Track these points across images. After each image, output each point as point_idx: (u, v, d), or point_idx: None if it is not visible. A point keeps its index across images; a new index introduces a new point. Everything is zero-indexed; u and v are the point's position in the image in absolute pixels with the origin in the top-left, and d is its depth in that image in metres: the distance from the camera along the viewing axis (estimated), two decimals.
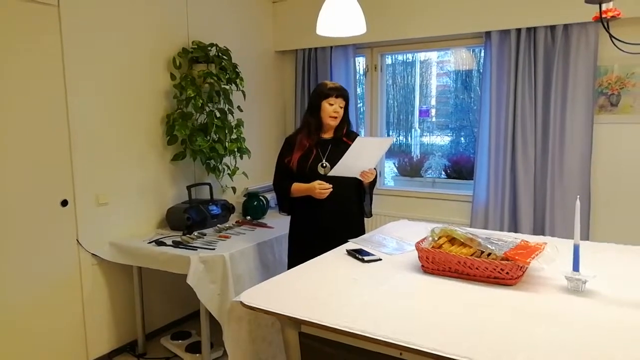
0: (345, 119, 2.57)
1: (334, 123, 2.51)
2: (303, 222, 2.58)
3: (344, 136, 2.56)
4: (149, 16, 3.06)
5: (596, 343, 1.26)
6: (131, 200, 3.03)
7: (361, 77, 4.02)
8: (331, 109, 2.47)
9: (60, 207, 2.67)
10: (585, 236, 3.10)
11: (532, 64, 3.17)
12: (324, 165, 2.48)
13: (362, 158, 2.35)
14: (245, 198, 3.51)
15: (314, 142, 2.52)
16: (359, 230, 2.61)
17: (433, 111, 4.14)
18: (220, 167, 3.34)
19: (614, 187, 3.09)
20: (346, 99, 2.52)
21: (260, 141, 4.03)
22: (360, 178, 2.43)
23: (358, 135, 2.67)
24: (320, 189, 2.41)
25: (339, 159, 2.30)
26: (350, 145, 2.29)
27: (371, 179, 2.46)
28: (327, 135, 2.56)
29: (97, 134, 2.82)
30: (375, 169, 2.52)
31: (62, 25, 2.60)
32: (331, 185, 2.42)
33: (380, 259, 2.01)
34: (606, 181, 3.11)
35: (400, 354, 1.34)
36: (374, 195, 2.75)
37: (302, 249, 2.55)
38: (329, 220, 2.51)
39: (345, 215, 2.56)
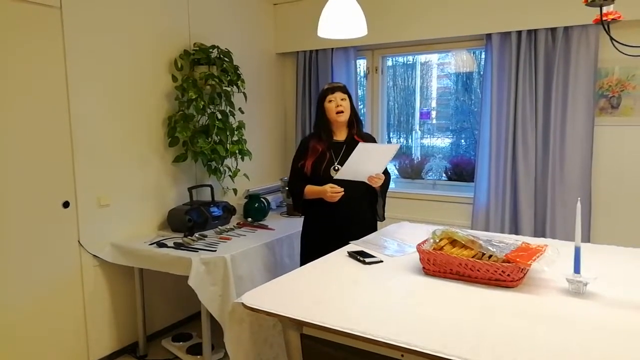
0: (354, 115, 2.58)
1: (342, 118, 2.52)
2: (316, 224, 2.61)
3: (356, 135, 2.58)
4: (150, 18, 3.07)
5: (597, 345, 1.26)
6: (132, 202, 3.04)
7: (362, 79, 4.03)
8: (332, 105, 2.50)
9: (61, 208, 2.67)
10: (586, 238, 3.10)
11: (533, 66, 3.18)
12: (336, 168, 2.50)
13: (367, 163, 2.36)
14: (246, 200, 3.52)
15: (326, 146, 2.54)
16: (370, 233, 2.62)
17: (433, 113, 4.14)
18: (221, 168, 3.35)
19: (615, 189, 3.09)
20: (345, 92, 2.54)
21: (262, 143, 4.03)
22: (368, 182, 2.45)
23: (372, 137, 2.69)
24: (332, 192, 2.43)
25: None
26: None
27: (379, 184, 2.48)
28: (341, 137, 2.58)
29: (99, 135, 2.83)
30: (389, 173, 2.53)
31: (64, 27, 2.61)
32: (342, 189, 2.43)
33: (382, 261, 2.02)
34: (607, 183, 3.11)
35: (402, 355, 1.34)
36: None
37: (314, 250, 2.56)
38: (341, 222, 2.53)
39: (358, 218, 2.57)
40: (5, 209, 2.43)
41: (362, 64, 4.02)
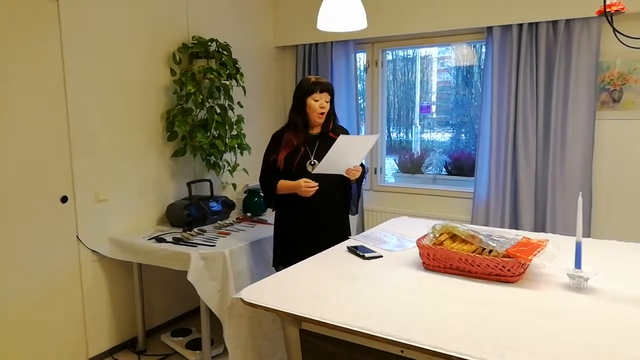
0: (332, 113, 2.54)
1: (322, 119, 2.49)
2: (288, 219, 2.56)
3: (330, 131, 2.52)
4: (148, 11, 3.04)
5: (597, 340, 1.25)
6: (131, 197, 3.02)
7: (362, 73, 4.01)
8: (317, 105, 2.44)
9: (60, 203, 2.66)
10: (587, 233, 3.09)
11: (534, 60, 3.16)
12: (313, 162, 2.46)
13: (347, 155, 2.32)
14: (245, 195, 3.50)
15: (301, 140, 2.48)
16: (345, 228, 2.60)
17: (434, 107, 4.12)
18: (220, 163, 3.33)
19: (616, 183, 3.08)
20: (331, 93, 2.49)
21: (261, 137, 4.00)
22: (346, 175, 2.41)
23: (345, 129, 2.65)
24: (306, 187, 2.39)
25: None
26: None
27: (357, 176, 2.43)
28: (315, 131, 2.54)
29: (97, 130, 2.81)
30: (363, 165, 2.50)
31: (61, 20, 2.59)
32: (317, 184, 2.40)
33: (381, 256, 2.01)
34: (608, 178, 3.10)
35: (402, 351, 1.33)
36: (374, 192, 2.74)
37: (286, 245, 2.56)
38: (314, 217, 2.49)
39: (331, 213, 2.54)
40: (2, 205, 2.42)
41: (361, 58, 4.00)
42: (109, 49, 2.84)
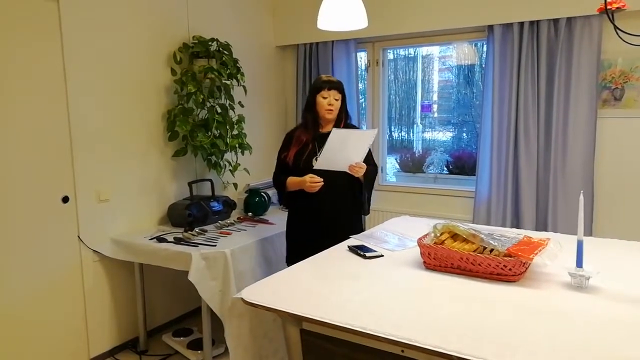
0: (343, 111, 2.55)
1: (330, 116, 2.50)
2: (298, 216, 2.59)
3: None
4: (149, 11, 3.04)
5: (599, 339, 1.24)
6: (132, 197, 3.02)
7: (363, 72, 4.00)
8: (325, 102, 2.46)
9: (61, 203, 2.66)
10: (588, 232, 3.08)
11: (535, 58, 3.15)
12: (318, 158, 2.47)
13: (345, 151, 2.32)
14: (246, 194, 3.50)
15: (311, 137, 2.51)
16: (355, 226, 2.59)
17: (435, 106, 4.11)
18: (221, 163, 3.33)
19: (618, 182, 3.07)
20: (341, 91, 2.51)
21: (262, 137, 4.01)
22: (349, 172, 2.41)
23: (356, 128, 2.66)
24: (311, 182, 2.40)
25: None
26: None
27: (361, 173, 2.43)
28: (326, 129, 2.54)
29: (98, 129, 2.81)
30: (374, 163, 2.49)
31: (61, 20, 2.59)
32: (322, 179, 2.40)
33: (382, 255, 2.00)
34: (609, 176, 3.09)
35: (402, 350, 1.33)
36: (375, 191, 2.73)
37: (297, 242, 2.57)
38: (323, 214, 2.50)
39: (340, 210, 2.54)
40: (4, 205, 2.42)
41: (362, 57, 3.99)
42: (110, 48, 2.84)
